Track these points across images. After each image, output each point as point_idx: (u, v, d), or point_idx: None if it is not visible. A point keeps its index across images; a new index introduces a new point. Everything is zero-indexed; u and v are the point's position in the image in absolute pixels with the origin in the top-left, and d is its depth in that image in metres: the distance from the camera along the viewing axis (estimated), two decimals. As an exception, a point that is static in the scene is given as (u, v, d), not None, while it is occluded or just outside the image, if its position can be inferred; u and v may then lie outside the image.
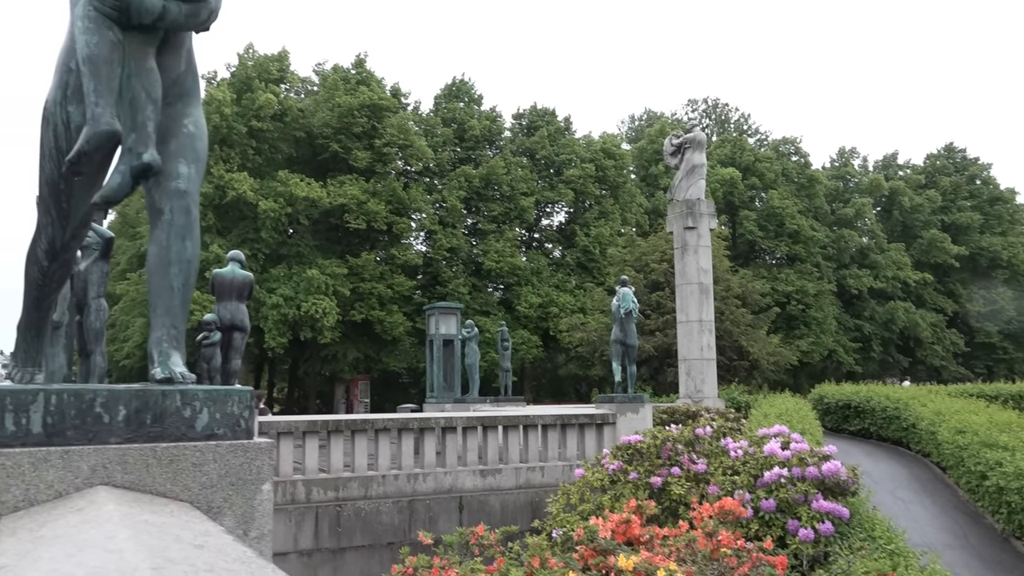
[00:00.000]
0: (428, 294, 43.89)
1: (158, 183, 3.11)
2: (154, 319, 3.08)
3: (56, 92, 3.20)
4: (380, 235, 43.21)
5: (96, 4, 2.97)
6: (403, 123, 44.11)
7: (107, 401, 2.49)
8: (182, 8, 3.13)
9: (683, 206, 21.27)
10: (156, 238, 3.10)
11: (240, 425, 2.66)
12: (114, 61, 2.98)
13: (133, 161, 3.01)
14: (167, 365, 2.90)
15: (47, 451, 2.32)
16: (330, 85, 44.15)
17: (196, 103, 3.41)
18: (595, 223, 48.62)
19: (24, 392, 2.40)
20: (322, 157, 43.12)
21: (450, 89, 51.26)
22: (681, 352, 20.96)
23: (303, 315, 37.80)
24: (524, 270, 46.24)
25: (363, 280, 41.29)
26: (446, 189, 46.23)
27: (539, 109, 52.13)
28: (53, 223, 3.33)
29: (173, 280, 3.05)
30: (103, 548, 1.40)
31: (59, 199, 3.27)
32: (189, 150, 3.23)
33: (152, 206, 3.14)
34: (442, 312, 25.34)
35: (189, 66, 3.40)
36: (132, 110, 3.04)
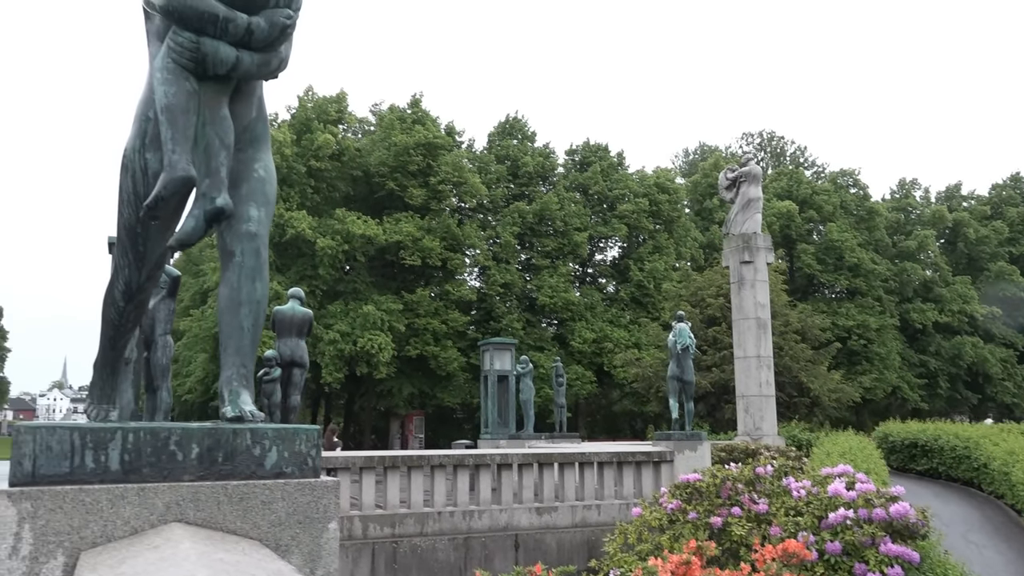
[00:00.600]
0: (482, 330, 44.03)
1: (230, 226, 3.22)
2: (224, 358, 3.16)
3: (135, 140, 3.35)
4: (435, 271, 43.62)
5: (174, 56, 3.11)
6: (457, 161, 44.70)
7: (181, 439, 2.56)
8: (254, 58, 3.26)
9: (739, 240, 21.03)
10: (227, 279, 3.20)
11: (307, 463, 2.70)
12: (190, 110, 3.11)
13: (207, 205, 3.12)
14: (237, 403, 2.97)
15: (124, 488, 2.39)
16: (386, 125, 45.05)
17: (266, 148, 3.53)
18: (649, 258, 48.36)
19: (103, 430, 2.48)
20: (378, 195, 43.87)
21: (503, 127, 51.86)
22: (739, 388, 20.59)
23: (359, 350, 38.23)
24: (578, 305, 46.12)
25: (418, 316, 41.65)
26: (500, 225, 46.55)
27: (592, 145, 52.35)
28: (130, 265, 3.47)
29: (243, 320, 3.14)
30: None
31: (136, 242, 3.40)
32: (259, 194, 3.34)
33: (224, 248, 3.25)
34: (496, 348, 25.37)
35: (260, 113, 3.53)
36: (206, 156, 3.16)
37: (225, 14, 3.13)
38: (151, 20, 3.42)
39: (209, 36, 3.13)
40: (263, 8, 3.24)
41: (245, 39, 3.20)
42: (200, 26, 3.11)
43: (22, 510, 2.28)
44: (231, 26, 3.15)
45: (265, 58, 3.32)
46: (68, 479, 2.40)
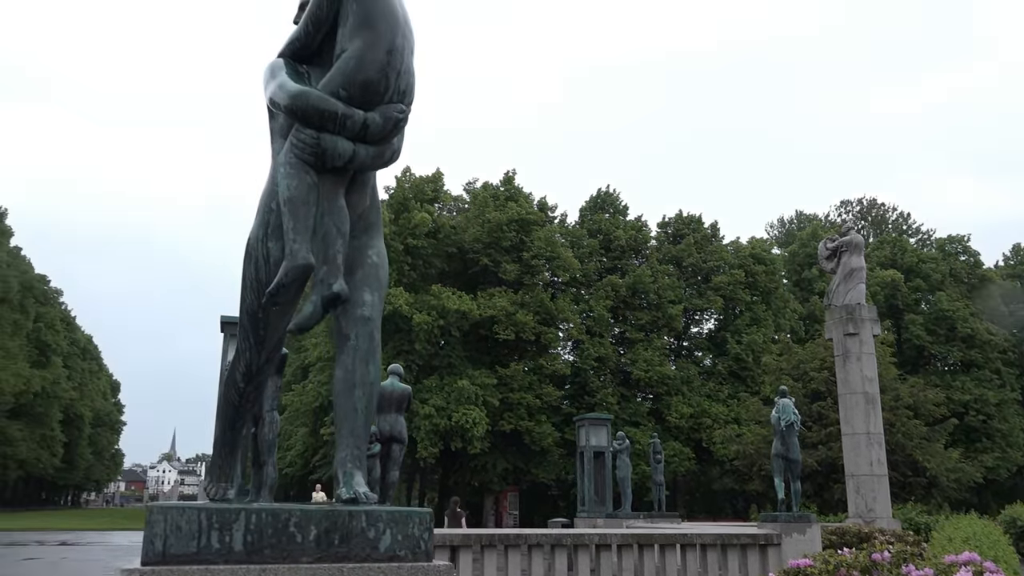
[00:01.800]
0: (576, 404, 43.63)
1: (345, 311, 3.35)
2: (339, 439, 3.25)
3: (258, 230, 3.55)
4: (528, 345, 43.73)
5: (297, 152, 3.32)
6: (550, 236, 45.19)
7: (300, 521, 2.62)
8: (369, 151, 3.45)
9: (842, 311, 20.36)
10: (342, 362, 3.31)
11: (420, 547, 2.72)
12: (311, 201, 3.29)
13: (324, 291, 3.26)
14: (352, 485, 3.04)
15: (247, 568, 2.46)
16: (480, 202, 46.10)
17: (378, 235, 3.69)
18: (747, 330, 47.26)
19: (228, 511, 2.57)
20: (473, 270, 44.64)
21: (595, 201, 52.32)
22: (848, 467, 19.62)
23: (454, 425, 38.38)
24: (674, 379, 45.26)
25: (512, 390, 41.65)
26: (593, 299, 46.51)
27: (685, 216, 52.13)
28: (251, 348, 3.63)
29: (357, 402, 3.23)
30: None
31: (257, 327, 3.57)
32: (373, 279, 3.48)
33: (339, 332, 3.38)
34: (592, 423, 25.02)
35: (373, 201, 3.71)
36: (324, 244, 3.33)
37: (344, 111, 3.33)
38: (275, 119, 3.66)
39: (329, 132, 3.33)
40: (378, 103, 3.43)
41: (361, 133, 3.39)
42: (321, 123, 3.32)
43: (153, 589, 2.37)
44: (349, 122, 3.34)
45: (379, 150, 3.50)
46: (195, 559, 2.49)
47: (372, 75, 3.39)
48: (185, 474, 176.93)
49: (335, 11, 3.49)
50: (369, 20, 3.40)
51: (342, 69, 3.40)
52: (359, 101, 3.39)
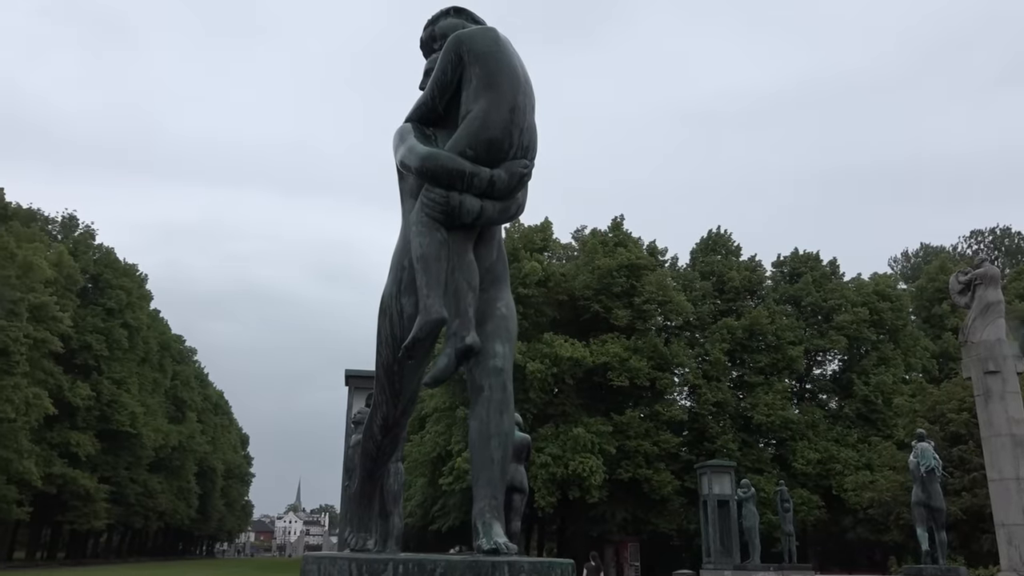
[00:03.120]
0: (695, 451, 42.47)
1: (478, 362, 3.43)
2: (477, 490, 3.29)
3: (391, 287, 3.70)
4: (643, 391, 43.05)
5: (427, 211, 3.46)
6: (661, 280, 44.67)
7: (445, 572, 2.67)
8: (496, 206, 3.55)
9: (980, 348, 19.11)
10: (477, 413, 3.38)
11: (565, 599, 2.71)
12: (442, 257, 3.41)
13: (457, 344, 3.35)
14: (491, 536, 3.07)
15: (396, 619, 2.51)
16: (589, 249, 46.14)
17: (506, 287, 3.78)
18: (874, 370, 45.01)
19: (377, 562, 2.64)
20: (584, 317, 44.51)
21: (706, 243, 51.49)
22: (997, 516, 18.19)
23: (571, 474, 37.99)
24: (798, 423, 43.47)
25: (628, 437, 40.98)
26: (708, 342, 45.49)
27: (801, 255, 50.56)
28: (387, 401, 3.76)
29: (493, 452, 3.28)
30: None
31: (392, 380, 3.70)
32: (503, 330, 3.55)
33: (473, 384, 3.45)
34: (714, 470, 24.30)
35: (499, 254, 3.80)
36: (455, 299, 3.43)
37: (471, 170, 3.46)
38: (405, 180, 3.83)
39: (457, 190, 3.46)
40: (502, 160, 3.54)
41: (488, 190, 3.50)
42: (450, 182, 3.45)
43: (310, 638, 2.45)
44: (476, 180, 3.46)
45: (505, 205, 3.60)
46: (347, 609, 2.56)
47: (496, 134, 3.51)
48: (310, 524, 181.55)
49: (459, 75, 3.64)
50: (491, 81, 3.52)
51: (468, 129, 3.53)
52: (485, 159, 3.51)
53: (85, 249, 63.37)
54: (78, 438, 56.05)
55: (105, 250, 65.67)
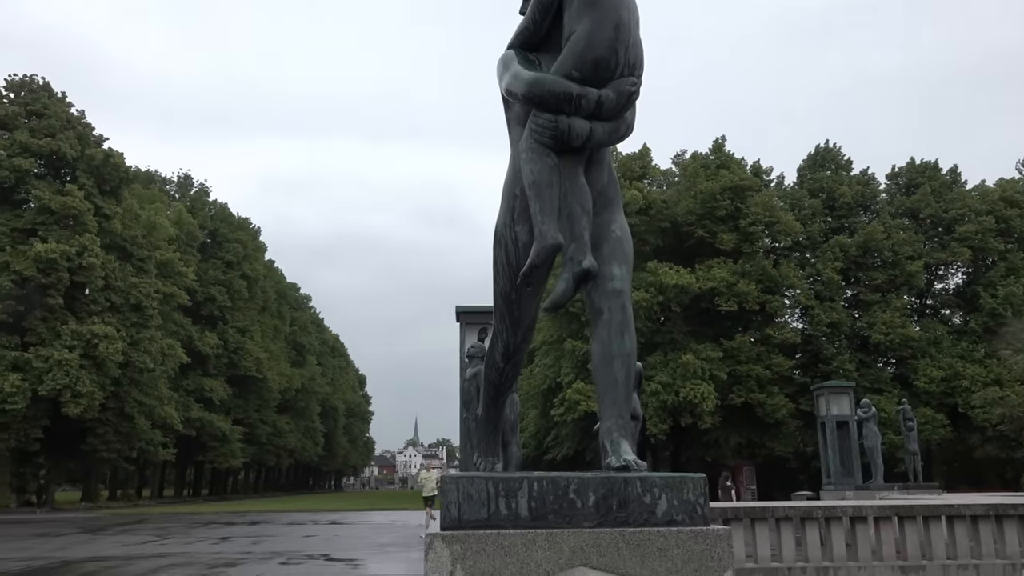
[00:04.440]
0: (810, 373, 41.55)
1: (596, 286, 3.43)
2: (602, 410, 3.33)
3: (505, 216, 3.72)
4: (753, 316, 42.23)
5: (536, 136, 3.44)
6: (767, 200, 43.27)
7: (578, 488, 2.74)
8: (605, 127, 3.49)
9: None
10: (598, 336, 3.39)
11: (697, 512, 2.74)
12: (554, 183, 3.39)
13: (574, 268, 3.36)
14: (620, 454, 3.11)
15: (535, 533, 2.61)
16: (691, 173, 45.04)
17: (619, 209, 3.74)
18: (1002, 282, 42.56)
19: (513, 480, 2.73)
20: (688, 244, 43.74)
21: (814, 158, 49.35)
22: None
23: (682, 401, 37.93)
24: (919, 341, 41.79)
25: (739, 362, 40.45)
26: (820, 262, 43.98)
27: (918, 164, 47.85)
28: (507, 329, 3.82)
29: (616, 373, 3.30)
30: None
31: (511, 309, 3.75)
32: (619, 252, 3.53)
33: (592, 307, 3.46)
34: (832, 391, 23.70)
35: (610, 177, 3.75)
36: (570, 223, 3.42)
37: (578, 92, 3.40)
38: (511, 108, 3.81)
39: (565, 113, 3.41)
40: (609, 80, 3.46)
41: (596, 111, 3.44)
42: (557, 106, 3.41)
43: (454, 551, 2.58)
44: (584, 101, 3.41)
45: (614, 125, 3.54)
46: (487, 524, 2.67)
47: (602, 52, 3.43)
48: (429, 458, 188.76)
49: None
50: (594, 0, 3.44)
51: (572, 50, 3.46)
52: (591, 80, 3.44)
53: (201, 206, 66.37)
54: (211, 384, 59.69)
55: (219, 206, 68.58)
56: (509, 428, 10.95)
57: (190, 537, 23.31)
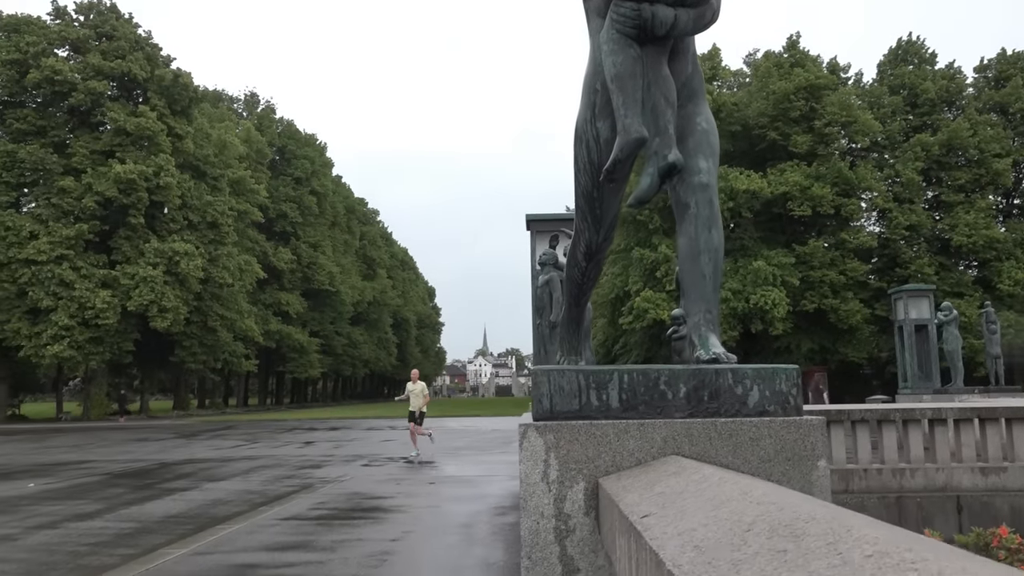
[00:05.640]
0: (886, 278, 40.51)
1: (682, 180, 3.35)
2: (689, 305, 3.31)
3: (585, 112, 3.63)
4: (827, 220, 41.08)
5: (618, 27, 3.31)
6: (844, 99, 41.44)
7: (669, 379, 2.75)
8: (689, 14, 3.34)
9: None
10: (684, 230, 3.34)
11: (789, 402, 2.73)
12: (637, 75, 3.28)
13: (660, 163, 3.28)
14: (708, 347, 3.11)
15: (626, 423, 2.65)
16: (762, 73, 43.29)
17: (703, 100, 3.61)
18: (1099, 178, 40.33)
19: (603, 372, 2.76)
20: (759, 148, 42.43)
21: (895, 53, 46.79)
22: None
23: (752, 307, 37.54)
24: (1004, 242, 40.15)
25: (812, 268, 39.64)
26: (899, 162, 42.23)
27: (1009, 56, 44.95)
28: (589, 228, 3.79)
29: (704, 268, 3.26)
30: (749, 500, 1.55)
31: (593, 206, 3.71)
32: (705, 145, 3.43)
33: (678, 201, 3.39)
34: (911, 295, 23.09)
35: (694, 67, 3.61)
36: (654, 116, 3.32)
37: None
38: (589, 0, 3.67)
39: (648, 1, 3.27)
40: None
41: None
42: None
43: (547, 441, 2.64)
44: None
45: (700, 12, 3.38)
46: (578, 415, 2.72)
47: None
48: (498, 366, 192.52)
49: None
50: None
51: (654, -67, 3.30)
52: None
53: (269, 123, 67.01)
54: (287, 298, 61.55)
55: (287, 122, 69.12)
56: (583, 336, 11.06)
57: (276, 442, 24.50)
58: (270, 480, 14.11)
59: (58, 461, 18.79)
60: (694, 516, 1.57)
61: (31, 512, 10.60)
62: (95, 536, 8.78)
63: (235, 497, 11.87)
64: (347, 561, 7.25)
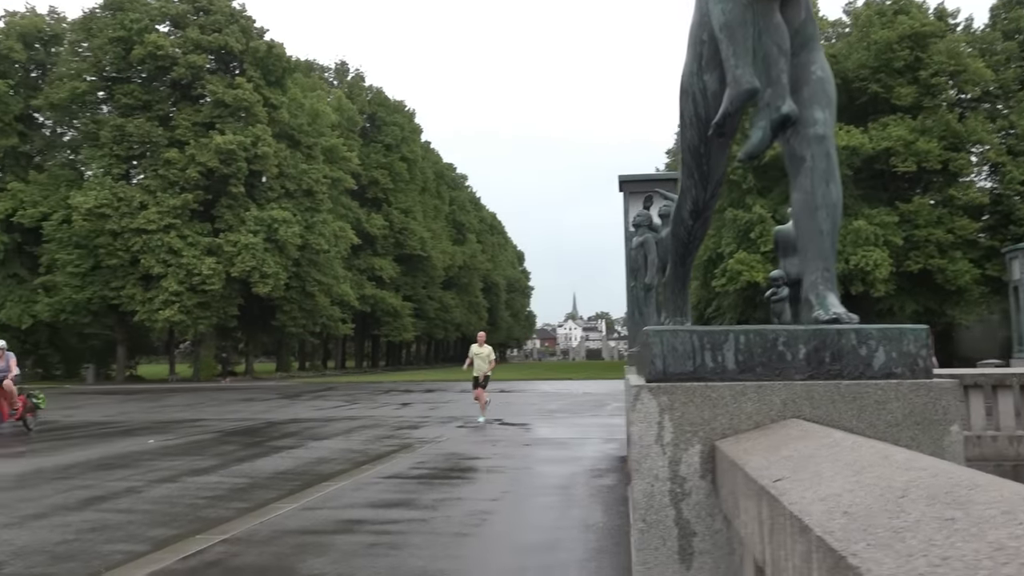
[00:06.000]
0: (998, 236, 38.36)
1: (796, 132, 3.20)
2: (806, 263, 3.18)
3: (691, 65, 3.51)
4: (933, 176, 39.09)
5: None
6: (952, 47, 39.09)
7: (787, 340, 2.66)
8: None
9: None
10: (800, 185, 3.19)
11: (918, 364, 2.60)
12: (747, 22, 3.14)
13: (772, 115, 3.14)
14: (827, 307, 2.98)
15: (743, 385, 2.57)
16: (863, 23, 41.22)
17: (818, 48, 3.43)
18: None
19: (718, 333, 2.69)
20: (860, 101, 40.54)
21: (1012, -6, 43.73)
22: None
23: (852, 268, 36.20)
24: None
25: (917, 227, 37.88)
26: (1014, 113, 39.69)
27: None
28: (696, 185, 3.69)
29: (821, 224, 3.12)
30: (893, 465, 1.47)
31: (700, 162, 3.60)
32: (821, 95, 3.26)
33: (792, 155, 3.24)
34: (1027, 254, 21.84)
35: (807, 13, 3.43)
36: (765, 66, 3.18)
37: None
38: None
39: None
40: None
41: None
42: None
43: (661, 403, 2.60)
44: None
45: None
46: (692, 377, 2.66)
47: None
48: (588, 330, 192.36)
49: None
50: None
51: None
52: None
53: (359, 91, 68.05)
54: (380, 263, 62.89)
55: (376, 90, 70.01)
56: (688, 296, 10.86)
57: (374, 403, 25.21)
58: (370, 440, 14.54)
59: (173, 419, 19.86)
60: (833, 481, 1.51)
61: (152, 467, 11.24)
62: (211, 490, 9.25)
63: (338, 455, 12.29)
64: (449, 519, 7.41)
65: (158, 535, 6.93)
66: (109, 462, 11.81)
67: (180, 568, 5.74)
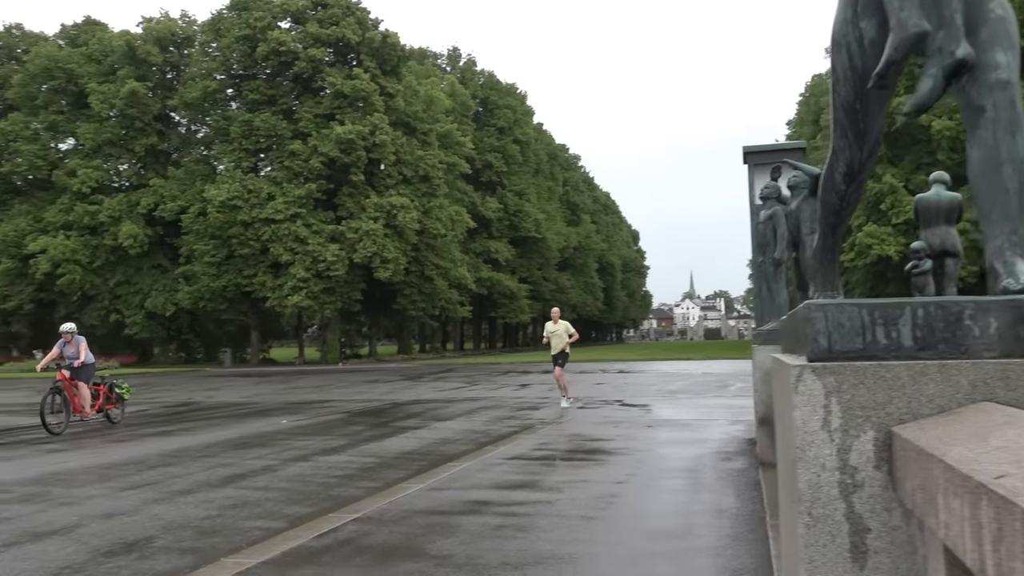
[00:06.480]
0: None
1: (974, 78, 2.83)
2: (989, 227, 2.83)
3: (845, 12, 3.18)
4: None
5: None
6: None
7: (975, 314, 2.34)
8: None
9: None
10: (980, 138, 2.83)
11: None
12: None
13: (945, 60, 2.80)
14: (1017, 275, 2.64)
15: (924, 364, 2.28)
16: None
17: None
18: None
19: (892, 306, 2.40)
20: (1006, 56, 37.58)
21: None
22: None
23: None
24: None
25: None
26: None
27: None
28: (850, 145, 3.36)
29: (1007, 181, 2.76)
30: None
31: (855, 120, 3.27)
32: (1002, 35, 2.87)
33: (969, 104, 2.88)
34: None
35: (985, -58, 3.03)
36: (936, 5, 2.83)
37: None
38: None
39: None
40: None
41: None
42: None
43: (827, 384, 2.34)
44: None
45: None
46: (862, 355, 2.38)
47: None
48: (706, 309, 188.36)
49: None
50: None
51: None
52: None
53: (471, 76, 68.56)
54: (496, 246, 63.41)
55: (487, 74, 70.36)
56: (809, 273, 10.30)
57: (494, 384, 25.41)
58: (492, 420, 14.61)
59: (304, 400, 20.64)
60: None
61: (286, 446, 11.65)
62: (341, 469, 9.47)
63: (461, 436, 12.39)
64: (575, 502, 7.28)
65: (293, 512, 7.12)
66: (247, 441, 12.33)
67: (315, 546, 5.85)
